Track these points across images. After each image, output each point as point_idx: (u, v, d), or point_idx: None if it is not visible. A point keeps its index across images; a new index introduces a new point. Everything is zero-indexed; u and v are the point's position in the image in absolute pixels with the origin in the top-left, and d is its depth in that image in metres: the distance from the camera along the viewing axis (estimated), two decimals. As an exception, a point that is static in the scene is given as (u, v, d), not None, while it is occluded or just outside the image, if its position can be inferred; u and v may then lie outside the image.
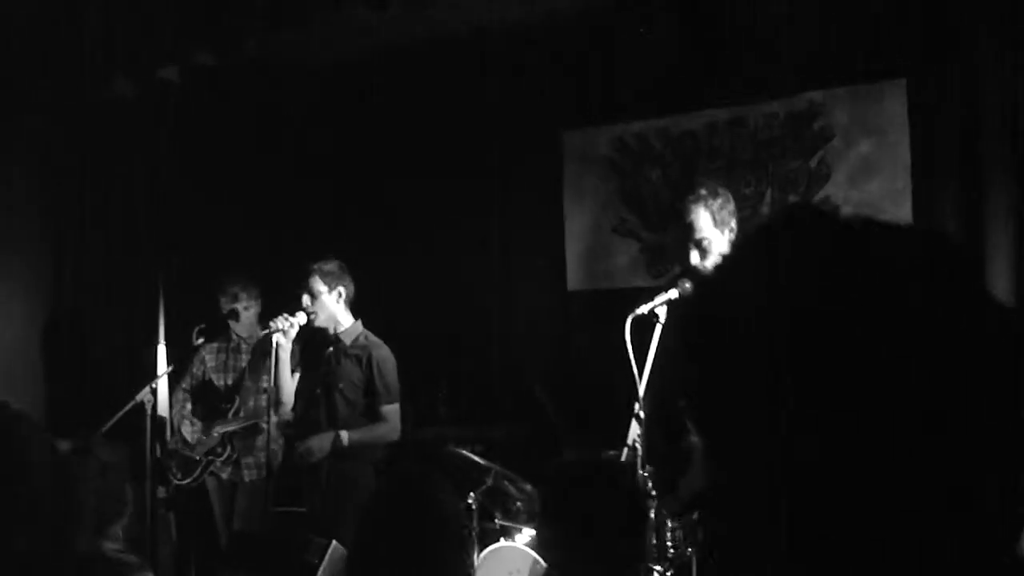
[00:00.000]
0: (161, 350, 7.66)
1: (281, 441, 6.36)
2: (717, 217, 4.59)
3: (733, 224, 4.65)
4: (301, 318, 5.78)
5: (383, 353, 5.90)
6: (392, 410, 5.86)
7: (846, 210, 5.98)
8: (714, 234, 4.59)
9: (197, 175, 7.78)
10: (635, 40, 6.59)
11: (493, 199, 7.27)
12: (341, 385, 5.82)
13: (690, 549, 4.77)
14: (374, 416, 5.83)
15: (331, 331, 5.93)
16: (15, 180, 7.62)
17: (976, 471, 0.85)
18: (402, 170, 7.46)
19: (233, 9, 6.43)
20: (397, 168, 7.48)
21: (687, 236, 4.64)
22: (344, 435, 5.72)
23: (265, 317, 6.11)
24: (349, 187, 7.70)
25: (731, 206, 4.69)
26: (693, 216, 4.61)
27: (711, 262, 4.62)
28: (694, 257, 4.62)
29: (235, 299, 6.65)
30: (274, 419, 6.12)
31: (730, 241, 4.65)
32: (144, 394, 6.08)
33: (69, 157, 7.79)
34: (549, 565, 3.06)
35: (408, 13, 6.54)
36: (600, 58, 6.75)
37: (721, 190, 4.74)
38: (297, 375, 6.07)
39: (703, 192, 4.66)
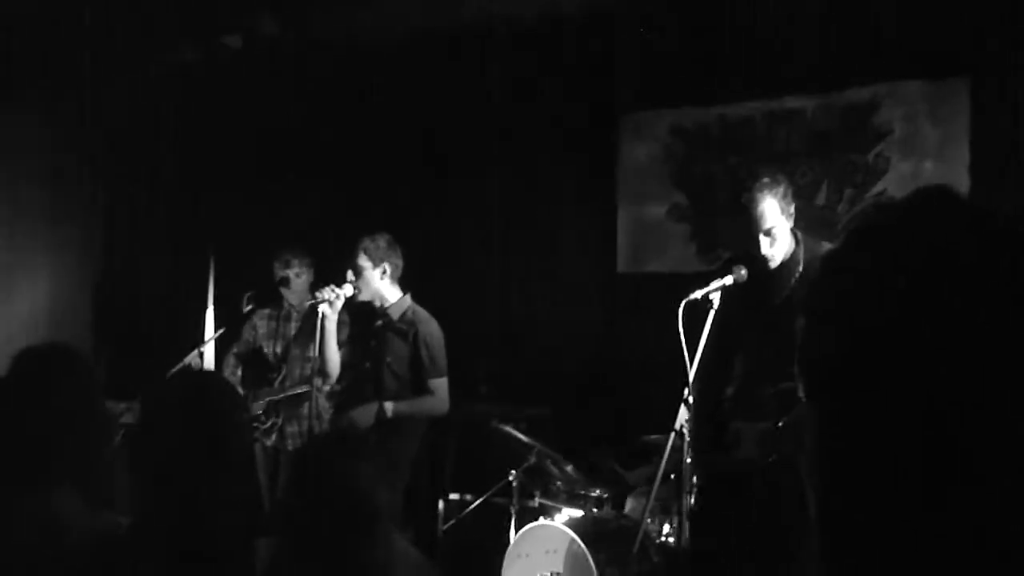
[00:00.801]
0: (210, 314, 7.73)
1: (330, 411, 6.38)
2: (782, 205, 4.50)
3: (792, 211, 4.59)
4: (348, 290, 5.79)
5: (430, 328, 5.88)
6: (440, 384, 5.85)
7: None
8: (780, 221, 4.49)
9: (252, 142, 7.83)
10: (697, 26, 6.57)
11: (547, 179, 7.26)
12: (389, 359, 5.83)
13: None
14: (421, 391, 5.84)
15: (378, 305, 5.93)
16: (69, 145, 7.69)
17: None
18: (458, 148, 7.47)
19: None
20: (452, 146, 7.49)
21: (756, 226, 4.53)
22: (388, 406, 5.73)
23: (317, 286, 6.13)
24: (402, 163, 7.70)
25: (791, 192, 4.62)
26: (762, 206, 4.48)
27: (778, 250, 4.55)
28: (765, 246, 4.51)
29: (287, 265, 6.68)
30: (323, 389, 6.15)
31: (791, 229, 4.59)
32: (192, 357, 6.14)
33: (123, 122, 7.84)
34: None
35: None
36: (661, 43, 6.71)
37: (781, 177, 4.64)
38: (344, 348, 6.08)
39: (767, 180, 4.54)
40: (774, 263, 4.56)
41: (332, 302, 5.76)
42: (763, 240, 4.51)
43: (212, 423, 2.59)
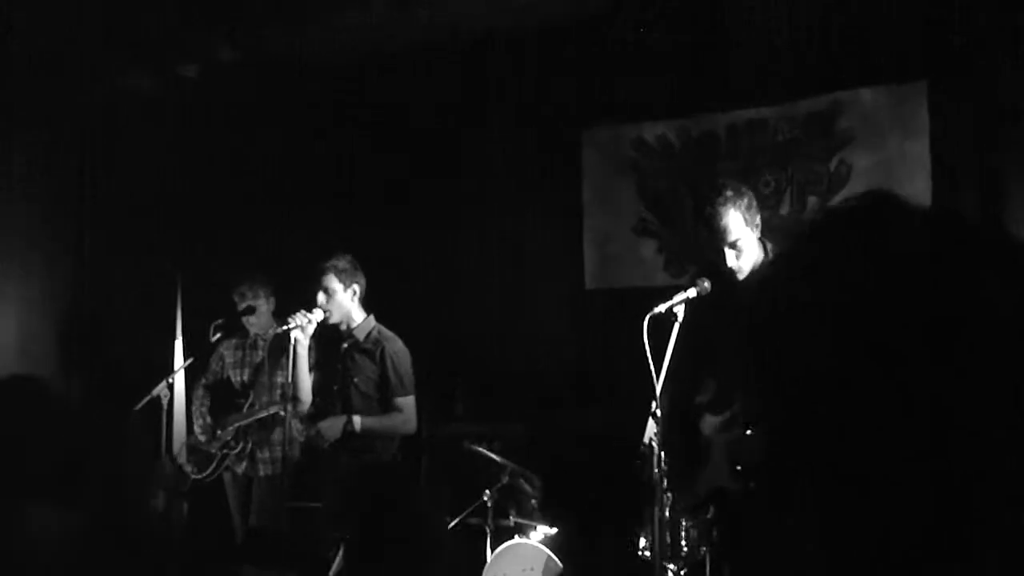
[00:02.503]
0: (178, 345, 7.69)
1: (302, 437, 6.34)
2: (746, 216, 4.53)
3: (758, 221, 4.61)
4: (318, 315, 5.80)
5: (396, 347, 5.92)
6: (407, 402, 5.86)
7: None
8: (745, 233, 4.52)
9: (216, 172, 7.81)
10: (658, 39, 6.58)
11: (513, 197, 7.25)
12: (356, 380, 5.84)
13: (704, 548, 4.77)
14: (388, 410, 5.84)
15: (344, 327, 5.94)
16: (35, 178, 7.65)
17: None
18: (423, 168, 7.45)
19: (254, 6, 6.46)
20: (418, 166, 7.47)
21: (720, 240, 4.54)
22: (356, 419, 5.73)
23: (280, 314, 6.13)
24: (369, 184, 7.69)
25: (756, 203, 4.65)
26: (725, 219, 4.52)
27: (745, 261, 4.58)
28: (731, 259, 4.54)
29: (243, 297, 6.66)
30: (296, 413, 6.13)
31: (758, 239, 4.61)
32: (160, 388, 6.10)
33: (88, 154, 7.81)
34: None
35: (431, 12, 6.57)
36: (622, 57, 6.73)
37: (744, 188, 4.69)
38: (312, 372, 6.06)
39: (729, 194, 4.58)
40: (741, 275, 4.59)
41: (304, 327, 5.76)
42: (728, 253, 4.54)
43: None
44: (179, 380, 7.02)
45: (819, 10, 6.09)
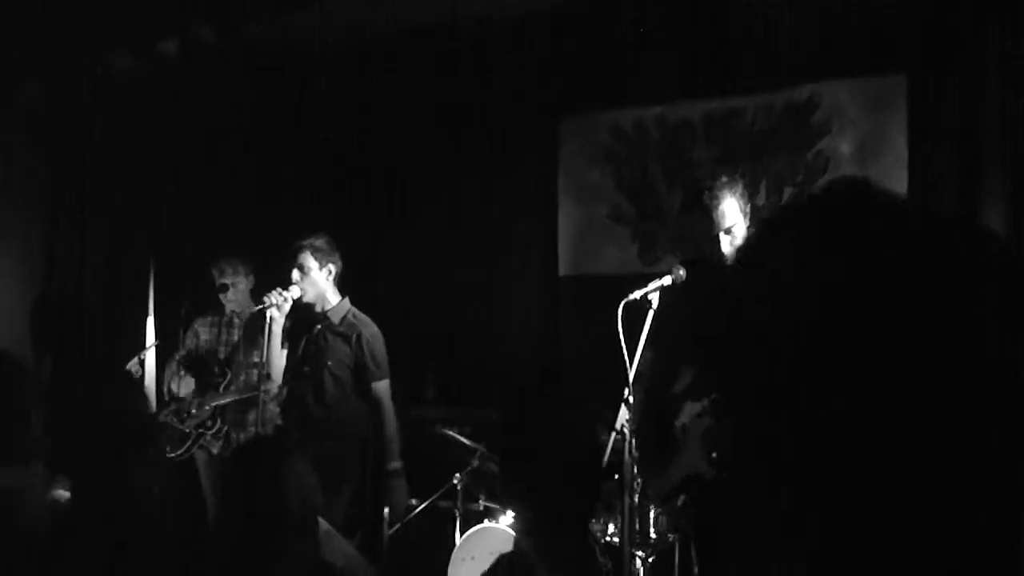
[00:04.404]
0: (151, 323, 7.67)
1: (279, 417, 6.32)
2: (740, 203, 4.50)
3: (749, 209, 4.60)
4: (295, 292, 5.77)
5: (372, 331, 5.87)
6: (383, 386, 5.83)
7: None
8: (740, 220, 4.50)
9: (192, 150, 7.77)
10: (635, 27, 6.58)
11: (488, 183, 7.25)
12: (329, 363, 5.80)
13: (671, 535, 4.80)
14: (364, 394, 5.81)
15: (319, 309, 5.90)
16: (9, 154, 7.59)
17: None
18: (396, 153, 7.43)
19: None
20: (391, 151, 7.46)
21: (716, 226, 4.49)
22: (395, 463, 5.76)
23: (259, 292, 6.10)
24: (344, 169, 7.67)
25: (747, 192, 4.63)
26: (724, 205, 4.46)
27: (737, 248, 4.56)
28: (725, 245, 4.50)
29: (223, 274, 6.66)
30: (271, 392, 6.11)
31: (747, 227, 4.60)
32: (132, 365, 6.08)
33: (63, 131, 7.74)
34: None
35: (409, 1, 6.56)
36: (599, 45, 6.73)
37: (737, 176, 4.67)
38: (285, 351, 6.03)
39: (725, 179, 4.53)
40: (731, 262, 4.58)
41: (280, 306, 5.73)
42: (723, 239, 4.51)
43: None
44: (150, 357, 7.00)
45: (799, 1, 6.10)
